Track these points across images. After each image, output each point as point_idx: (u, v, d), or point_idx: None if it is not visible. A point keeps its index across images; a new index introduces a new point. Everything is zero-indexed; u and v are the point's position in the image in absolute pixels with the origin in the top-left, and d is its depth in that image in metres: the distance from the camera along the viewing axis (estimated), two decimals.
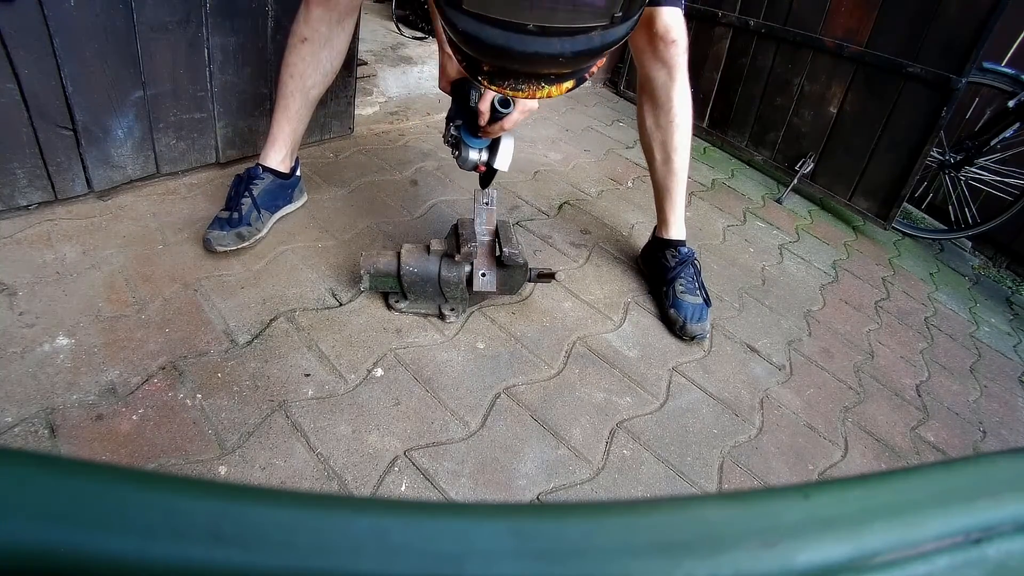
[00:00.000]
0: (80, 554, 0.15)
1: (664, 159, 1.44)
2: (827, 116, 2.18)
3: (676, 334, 1.37)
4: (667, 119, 1.40)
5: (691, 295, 1.39)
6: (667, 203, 1.48)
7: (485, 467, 0.98)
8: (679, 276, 1.43)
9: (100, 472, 0.16)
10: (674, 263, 1.45)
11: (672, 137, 1.41)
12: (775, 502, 0.19)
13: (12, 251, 1.16)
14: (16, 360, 0.96)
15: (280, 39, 1.50)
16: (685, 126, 1.40)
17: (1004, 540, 0.19)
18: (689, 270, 1.44)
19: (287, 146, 1.38)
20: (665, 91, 1.37)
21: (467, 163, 1.20)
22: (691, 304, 1.37)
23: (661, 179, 1.47)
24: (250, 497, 0.17)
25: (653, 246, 1.53)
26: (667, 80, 1.35)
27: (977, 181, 2.22)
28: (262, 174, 1.35)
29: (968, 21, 1.78)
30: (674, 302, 1.39)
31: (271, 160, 1.37)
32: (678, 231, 1.49)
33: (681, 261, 1.44)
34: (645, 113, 1.43)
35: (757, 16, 2.28)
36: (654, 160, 1.47)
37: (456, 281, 1.20)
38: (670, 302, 1.40)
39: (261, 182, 1.35)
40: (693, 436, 1.13)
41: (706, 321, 1.37)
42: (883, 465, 1.20)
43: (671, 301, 1.40)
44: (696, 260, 1.47)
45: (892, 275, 1.94)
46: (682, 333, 1.35)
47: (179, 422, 0.93)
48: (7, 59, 1.10)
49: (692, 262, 1.45)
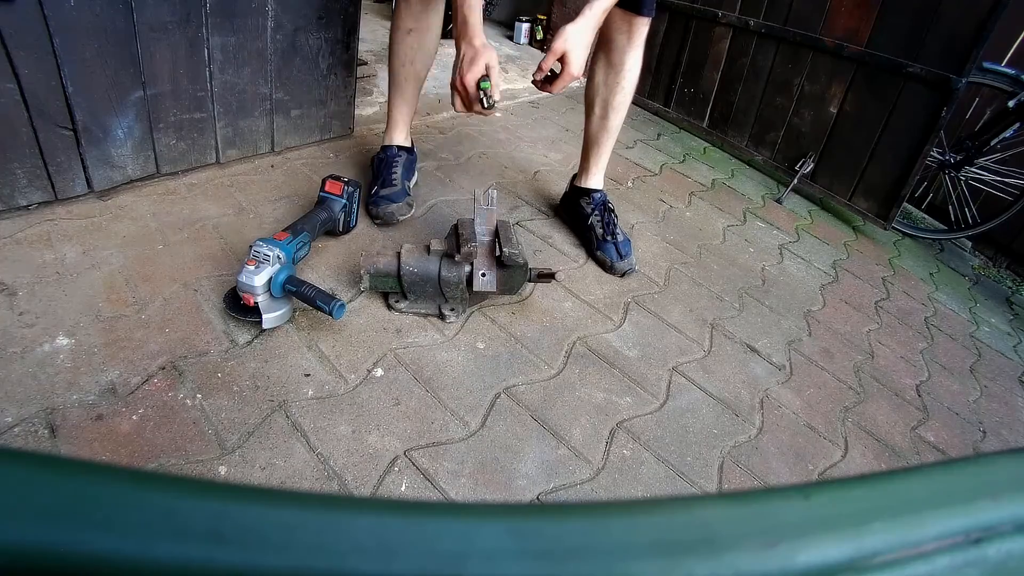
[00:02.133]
0: (80, 554, 0.15)
1: (602, 115, 1.56)
2: (827, 116, 2.18)
3: (609, 273, 1.52)
4: (615, 79, 1.51)
5: (612, 236, 1.53)
6: (593, 155, 1.62)
7: (485, 467, 0.98)
8: (599, 220, 1.56)
9: (100, 472, 0.16)
10: (590, 209, 1.59)
11: (615, 97, 1.52)
12: (775, 502, 0.19)
13: (12, 251, 1.16)
14: (16, 360, 0.96)
15: (280, 39, 1.50)
16: (629, 89, 1.52)
17: (1004, 540, 0.19)
18: (607, 215, 1.57)
19: (406, 125, 1.59)
20: (621, 54, 1.47)
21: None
22: (613, 244, 1.52)
23: (595, 133, 1.59)
24: (250, 497, 0.17)
25: (572, 194, 1.67)
26: (626, 44, 1.46)
27: (977, 181, 2.22)
28: (398, 152, 1.55)
29: (968, 21, 1.78)
30: (599, 245, 1.53)
31: (396, 139, 1.58)
32: (597, 181, 1.64)
33: (596, 206, 1.58)
34: (597, 70, 1.54)
35: (757, 16, 2.28)
36: (592, 115, 1.58)
37: (456, 281, 1.20)
38: (595, 246, 1.54)
39: (400, 158, 1.54)
40: (693, 436, 1.13)
41: (631, 256, 1.52)
42: (883, 465, 1.20)
43: (596, 245, 1.54)
44: (609, 202, 1.60)
45: (892, 275, 1.94)
46: (612, 272, 1.51)
47: (179, 422, 0.93)
48: (7, 59, 1.10)
49: (606, 205, 1.59)
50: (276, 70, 1.54)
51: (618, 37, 1.46)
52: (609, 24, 1.44)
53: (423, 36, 1.46)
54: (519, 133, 2.20)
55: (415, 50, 1.48)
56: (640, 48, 1.48)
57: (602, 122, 1.56)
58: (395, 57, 1.50)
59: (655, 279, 1.55)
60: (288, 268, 1.13)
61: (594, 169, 1.62)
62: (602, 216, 1.56)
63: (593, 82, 1.55)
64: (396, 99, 1.55)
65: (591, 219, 1.57)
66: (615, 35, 1.46)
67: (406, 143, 1.60)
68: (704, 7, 2.43)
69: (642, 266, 1.59)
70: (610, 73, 1.51)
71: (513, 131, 2.21)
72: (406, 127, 1.59)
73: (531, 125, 2.31)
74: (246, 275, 1.07)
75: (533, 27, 3.31)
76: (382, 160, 1.54)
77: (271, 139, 1.65)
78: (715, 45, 2.46)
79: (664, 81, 2.68)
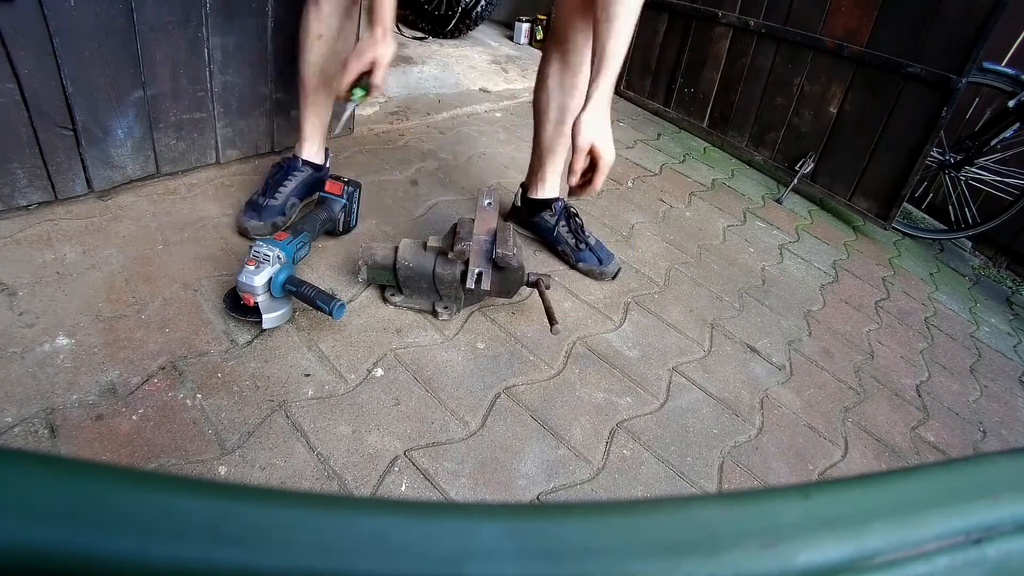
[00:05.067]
0: (80, 554, 0.15)
1: (559, 121, 1.44)
2: (827, 116, 2.18)
3: (599, 280, 1.46)
4: (572, 83, 1.40)
5: (584, 242, 1.47)
6: (549, 163, 1.50)
7: (485, 467, 0.98)
8: (566, 230, 1.49)
9: (100, 472, 0.16)
10: (554, 221, 1.50)
11: (573, 102, 1.40)
12: (775, 502, 0.19)
13: (12, 251, 1.16)
14: (16, 360, 0.96)
15: (280, 39, 1.50)
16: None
17: (1004, 540, 0.19)
18: (572, 221, 1.49)
19: (318, 139, 1.45)
20: (579, 55, 1.36)
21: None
22: (589, 250, 1.46)
23: (549, 140, 1.47)
24: (250, 497, 0.17)
25: (528, 207, 1.54)
26: (584, 44, 1.34)
27: (977, 181, 2.22)
28: (301, 167, 1.42)
29: (968, 21, 1.78)
30: (577, 256, 1.47)
31: (306, 152, 1.43)
32: (553, 189, 1.53)
33: (559, 216, 1.49)
34: (550, 73, 1.42)
35: (757, 16, 2.28)
36: (547, 121, 1.46)
37: (450, 279, 1.19)
38: (575, 258, 1.47)
39: (300, 174, 1.41)
40: (693, 436, 1.13)
41: (612, 256, 1.48)
42: (883, 465, 1.20)
43: (574, 257, 1.47)
44: (571, 207, 1.52)
45: (892, 275, 1.94)
46: (601, 278, 1.46)
47: (179, 422, 0.93)
48: (7, 59, 1.10)
49: (569, 211, 1.50)
50: (276, 70, 1.54)
51: (576, 37, 1.35)
52: (567, 23, 1.35)
53: (333, 43, 1.32)
54: (519, 133, 2.20)
55: (325, 58, 1.33)
56: None
57: (558, 128, 1.45)
58: (303, 64, 1.35)
59: (655, 279, 1.55)
60: (288, 268, 1.13)
61: (551, 177, 1.52)
62: (568, 224, 1.48)
63: (545, 85, 1.44)
64: (306, 110, 1.40)
65: (557, 230, 1.48)
66: (572, 34, 1.35)
67: (316, 159, 1.44)
68: (704, 7, 2.43)
69: (642, 266, 1.59)
70: (566, 76, 1.40)
71: (513, 131, 2.21)
72: (318, 140, 1.44)
73: (531, 125, 2.31)
74: (246, 275, 1.07)
75: (533, 27, 3.32)
76: (279, 168, 1.40)
77: (271, 139, 1.65)
78: (715, 45, 2.46)
79: (664, 81, 2.68)
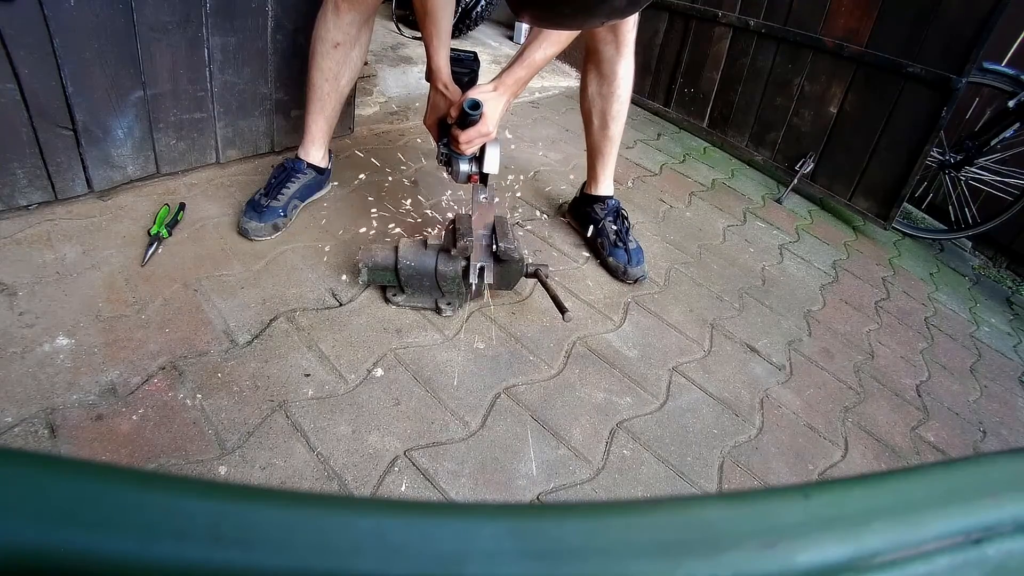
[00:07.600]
0: (80, 554, 0.15)
1: (601, 125, 1.55)
2: (827, 116, 2.18)
3: (620, 279, 1.50)
4: (609, 90, 1.49)
5: (624, 242, 1.51)
6: (599, 164, 1.60)
7: (485, 467, 0.98)
8: (612, 226, 1.54)
9: (100, 472, 0.16)
10: (603, 214, 1.57)
11: (611, 107, 1.51)
12: (775, 502, 0.19)
13: (12, 251, 1.16)
14: (16, 360, 0.96)
15: (280, 39, 1.50)
16: (625, 98, 1.51)
17: (1004, 540, 0.19)
18: (621, 221, 1.56)
19: (324, 142, 1.47)
20: (611, 64, 1.45)
21: (460, 175, 1.29)
22: (626, 250, 1.50)
23: (597, 143, 1.58)
24: (250, 497, 0.17)
25: (582, 201, 1.64)
26: (615, 54, 1.44)
27: (977, 181, 2.22)
28: (305, 169, 1.43)
29: (968, 21, 1.78)
30: (611, 251, 1.52)
31: (312, 156, 1.45)
32: (607, 188, 1.62)
33: (609, 212, 1.57)
34: (589, 82, 1.52)
35: (757, 16, 2.28)
36: (592, 125, 1.57)
37: (452, 275, 1.19)
38: (607, 252, 1.52)
39: (304, 176, 1.43)
40: (693, 436, 1.13)
41: (644, 263, 1.51)
42: (883, 465, 1.20)
43: (608, 251, 1.52)
44: (623, 210, 1.59)
45: (892, 275, 1.94)
46: (625, 278, 1.49)
47: (179, 422, 0.93)
48: (7, 59, 1.10)
49: (620, 212, 1.58)
50: (276, 70, 1.54)
51: (605, 48, 1.42)
52: (594, 34, 1.41)
53: (350, 51, 1.34)
54: (519, 133, 2.20)
55: (340, 65, 1.35)
56: (630, 56, 1.45)
57: (603, 132, 1.54)
58: (317, 71, 1.35)
59: (655, 279, 1.55)
60: None
61: (603, 176, 1.60)
62: (616, 221, 1.54)
63: (587, 94, 1.53)
64: (316, 115, 1.41)
65: (603, 223, 1.54)
66: (601, 46, 1.42)
67: (321, 163, 1.47)
68: (704, 7, 2.43)
69: None
70: (603, 84, 1.48)
71: (513, 131, 2.21)
72: (324, 145, 1.47)
73: (531, 125, 2.31)
74: None
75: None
76: (283, 170, 1.41)
77: (271, 139, 1.65)
78: (715, 45, 2.46)
79: (664, 81, 2.68)
